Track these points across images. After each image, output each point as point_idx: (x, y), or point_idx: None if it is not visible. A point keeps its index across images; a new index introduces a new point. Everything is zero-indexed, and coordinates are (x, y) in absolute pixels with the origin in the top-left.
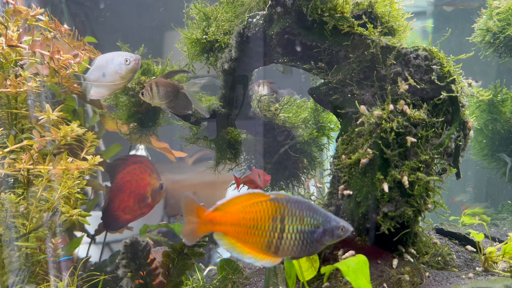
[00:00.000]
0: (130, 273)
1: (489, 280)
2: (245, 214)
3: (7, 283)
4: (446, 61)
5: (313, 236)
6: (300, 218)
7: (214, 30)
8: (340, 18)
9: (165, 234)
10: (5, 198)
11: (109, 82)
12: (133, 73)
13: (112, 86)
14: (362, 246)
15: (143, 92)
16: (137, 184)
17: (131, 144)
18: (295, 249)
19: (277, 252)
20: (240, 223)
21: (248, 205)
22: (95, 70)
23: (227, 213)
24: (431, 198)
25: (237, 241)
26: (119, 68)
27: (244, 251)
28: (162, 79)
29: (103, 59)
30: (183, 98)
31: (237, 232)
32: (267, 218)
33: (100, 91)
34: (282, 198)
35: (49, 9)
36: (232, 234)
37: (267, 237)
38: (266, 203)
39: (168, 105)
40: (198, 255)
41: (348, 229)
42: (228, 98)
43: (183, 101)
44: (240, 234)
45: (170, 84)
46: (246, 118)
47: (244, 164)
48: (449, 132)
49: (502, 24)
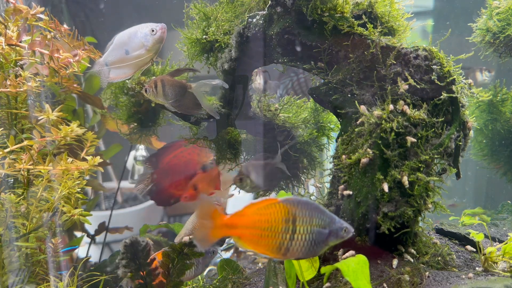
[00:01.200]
0: (130, 273)
1: (489, 280)
2: (260, 217)
3: (7, 283)
4: (446, 61)
5: (320, 237)
6: (309, 219)
7: (214, 30)
8: (340, 18)
9: (165, 234)
10: (5, 198)
11: (135, 58)
12: (160, 44)
13: (137, 63)
14: (362, 246)
15: (146, 89)
16: (186, 164)
17: (131, 144)
18: (303, 250)
19: (286, 253)
20: (256, 225)
21: (261, 207)
22: (115, 49)
23: (243, 216)
24: (431, 198)
25: (250, 244)
26: (145, 41)
27: (258, 251)
28: (168, 77)
29: (124, 35)
30: (190, 98)
31: (251, 235)
32: (280, 220)
33: (123, 72)
34: (292, 200)
35: (49, 9)
36: (247, 237)
37: (279, 238)
38: (279, 204)
39: (173, 104)
40: (198, 255)
41: (350, 231)
42: (228, 98)
43: (190, 101)
44: (255, 237)
45: (177, 83)
46: (246, 118)
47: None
48: (449, 132)
49: (502, 24)
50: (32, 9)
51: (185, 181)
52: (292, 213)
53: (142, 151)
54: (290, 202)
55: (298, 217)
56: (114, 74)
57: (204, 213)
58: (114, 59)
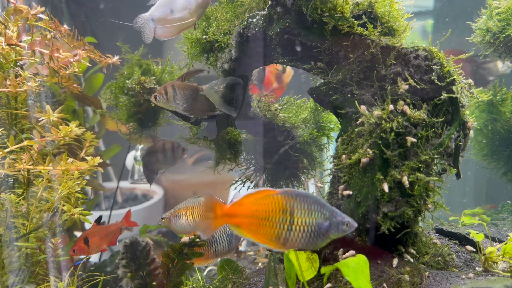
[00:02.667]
0: (130, 273)
1: (489, 280)
2: (258, 206)
3: (7, 283)
4: (446, 61)
5: (319, 230)
6: (308, 212)
7: (214, 30)
8: (340, 18)
9: (165, 234)
10: (5, 198)
11: (178, 19)
12: (203, 9)
13: (180, 25)
14: (362, 246)
15: (156, 96)
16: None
17: (130, 144)
18: (303, 241)
19: (285, 243)
20: (254, 215)
21: (260, 198)
22: (161, 6)
23: (241, 205)
24: (431, 198)
25: (249, 233)
26: (188, 3)
27: (257, 240)
28: (178, 82)
29: None
30: (202, 100)
31: (250, 224)
32: (277, 211)
33: (168, 31)
34: (291, 192)
35: (49, 9)
36: (245, 225)
37: (277, 228)
38: (277, 196)
39: (186, 109)
40: (198, 255)
41: (352, 225)
42: (228, 98)
43: (203, 104)
44: (253, 226)
45: (188, 87)
46: (246, 118)
47: (244, 164)
48: (449, 132)
49: (502, 24)
50: (32, 9)
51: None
52: (289, 205)
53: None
54: (288, 194)
55: (296, 209)
56: (159, 31)
57: (208, 207)
58: (159, 15)
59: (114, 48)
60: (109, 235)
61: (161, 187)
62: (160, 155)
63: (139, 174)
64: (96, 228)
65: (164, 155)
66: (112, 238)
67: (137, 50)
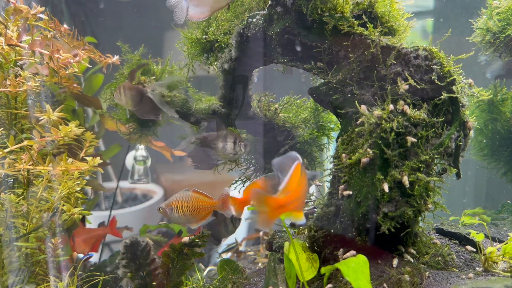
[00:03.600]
0: (130, 273)
1: (489, 280)
2: (301, 186)
3: (7, 283)
4: (446, 61)
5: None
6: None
7: (214, 30)
8: (340, 18)
9: (165, 234)
10: (5, 198)
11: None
12: None
13: (214, 5)
14: (362, 246)
15: (114, 95)
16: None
17: (129, 144)
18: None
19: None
20: (302, 195)
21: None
22: None
23: (290, 192)
24: (431, 198)
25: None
26: None
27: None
28: (127, 82)
29: None
30: (148, 102)
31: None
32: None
33: (201, 11)
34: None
35: (49, 9)
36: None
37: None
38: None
39: (134, 110)
40: (198, 255)
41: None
42: (228, 98)
43: (148, 105)
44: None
45: (134, 88)
46: (246, 118)
47: (244, 164)
48: (449, 132)
49: (502, 24)
50: (32, 9)
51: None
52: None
53: (142, 151)
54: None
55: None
56: (192, 11)
57: (259, 201)
58: None
59: (114, 48)
60: (92, 239)
61: (161, 187)
62: (220, 144)
63: (139, 174)
64: (82, 229)
65: (224, 146)
66: (95, 243)
67: (137, 50)
